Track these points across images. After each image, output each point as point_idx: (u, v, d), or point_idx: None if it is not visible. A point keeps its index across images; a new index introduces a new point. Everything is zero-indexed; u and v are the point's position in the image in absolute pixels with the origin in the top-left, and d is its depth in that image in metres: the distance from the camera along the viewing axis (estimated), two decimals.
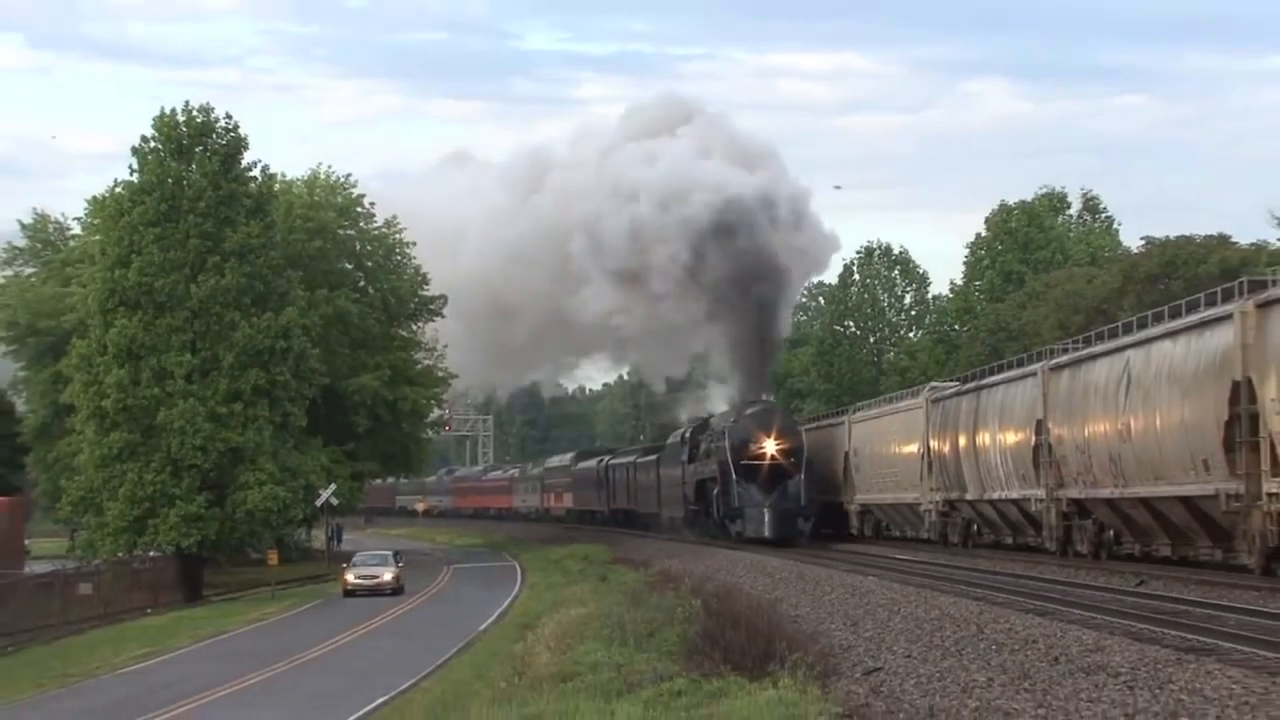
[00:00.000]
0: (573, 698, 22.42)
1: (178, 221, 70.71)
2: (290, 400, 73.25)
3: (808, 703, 17.64)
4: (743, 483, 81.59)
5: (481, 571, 74.16)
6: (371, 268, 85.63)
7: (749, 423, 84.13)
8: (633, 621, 32.60)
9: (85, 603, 63.31)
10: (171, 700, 36.58)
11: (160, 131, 72.42)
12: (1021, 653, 21.65)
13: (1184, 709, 15.52)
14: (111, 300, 70.82)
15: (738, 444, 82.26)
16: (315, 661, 43.62)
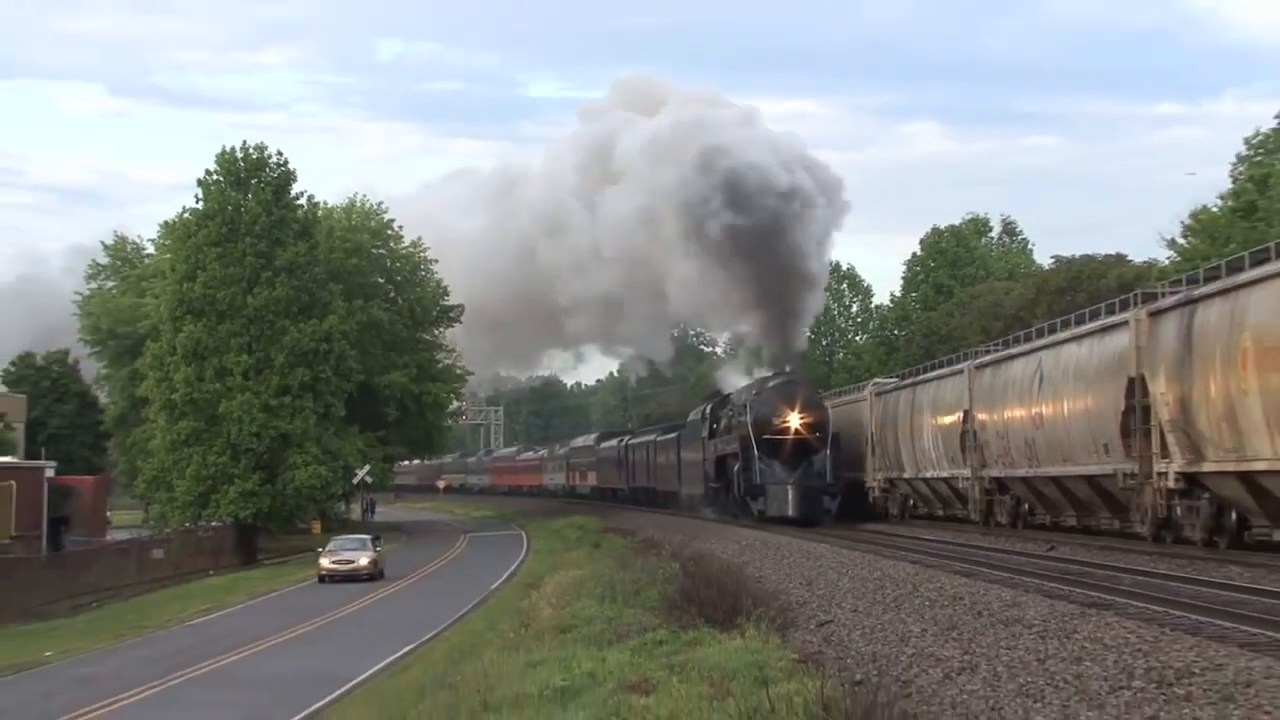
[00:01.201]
0: (570, 646, 22.47)
1: (236, 242, 71.14)
2: (331, 394, 73.45)
3: (770, 650, 17.69)
4: (765, 459, 64.98)
5: (493, 540, 73.96)
6: (400, 281, 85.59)
7: (772, 395, 66.72)
8: (621, 582, 32.60)
9: (157, 565, 63.46)
10: (231, 647, 36.55)
11: (221, 166, 72.92)
12: (950, 608, 21.68)
13: (1087, 654, 15.60)
14: (180, 309, 71.39)
15: (760, 418, 65.57)
16: (352, 615, 43.64)
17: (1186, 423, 34.22)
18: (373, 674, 30.80)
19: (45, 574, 57.45)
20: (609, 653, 19.86)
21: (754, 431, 65.24)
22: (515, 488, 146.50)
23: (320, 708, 27.05)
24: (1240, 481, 32.10)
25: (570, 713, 15.17)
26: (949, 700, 13.52)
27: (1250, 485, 31.74)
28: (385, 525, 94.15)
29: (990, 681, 14.47)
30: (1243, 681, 13.20)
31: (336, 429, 74.90)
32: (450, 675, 25.31)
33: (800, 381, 71.27)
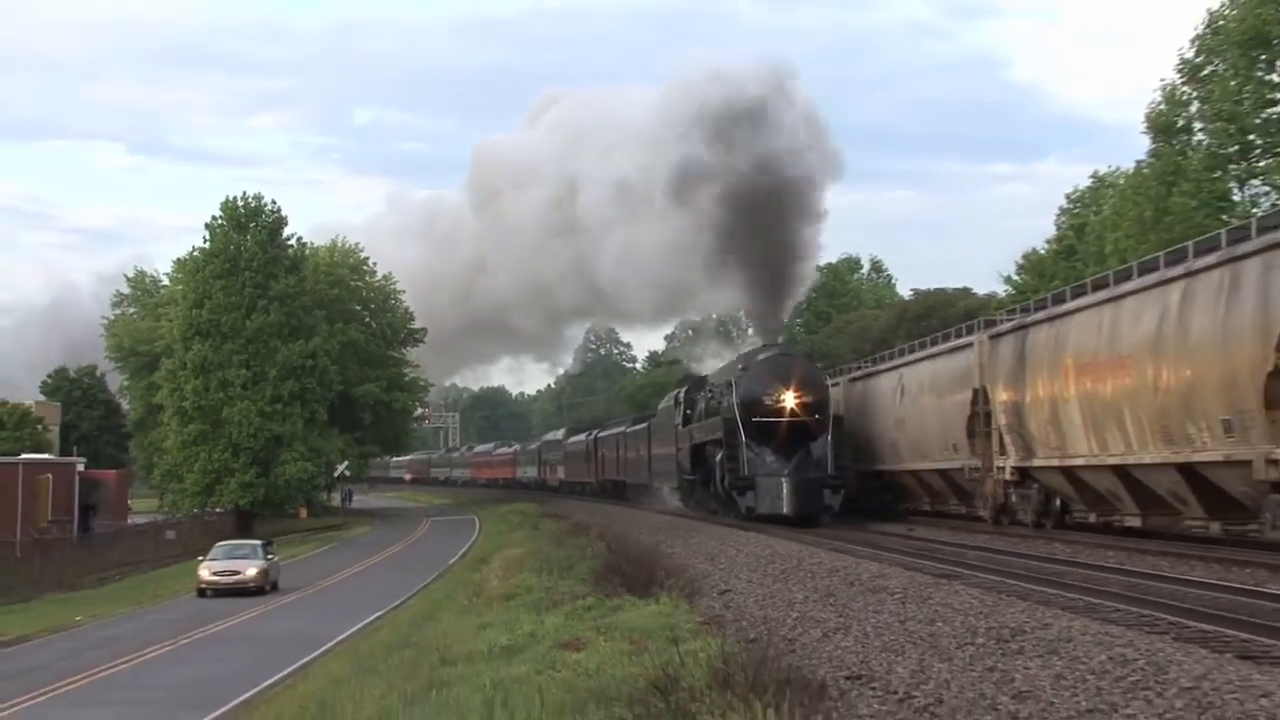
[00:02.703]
0: (514, 610, 22.42)
1: (236, 276, 71.54)
2: (316, 402, 73.81)
3: (679, 614, 17.69)
4: (754, 446, 47.10)
5: (451, 523, 73.70)
6: (373, 308, 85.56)
7: (762, 370, 48.55)
8: (556, 558, 32.52)
9: (170, 545, 63.27)
10: (231, 613, 36.40)
11: (224, 212, 73.38)
12: (828, 579, 21.74)
13: (939, 616, 15.69)
14: (189, 331, 72.06)
15: (748, 398, 47.64)
16: (334, 587, 43.51)
17: (1020, 426, 34.60)
18: (352, 633, 30.70)
19: (76, 552, 57.32)
20: (546, 617, 19.83)
21: (741, 413, 46.97)
22: (493, 480, 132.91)
23: (306, 662, 26.94)
24: (1063, 474, 32.51)
25: (514, 666, 15.13)
26: (826, 655, 13.55)
27: (1070, 477, 32.22)
28: (361, 511, 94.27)
29: (860, 639, 14.50)
30: (1065, 638, 13.32)
31: (320, 431, 74.88)
32: (414, 636, 25.28)
33: (795, 354, 53.51)
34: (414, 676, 17.65)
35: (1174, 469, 27.36)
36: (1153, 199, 46.74)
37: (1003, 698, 10.56)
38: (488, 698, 12.73)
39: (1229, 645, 13.01)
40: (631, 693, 11.57)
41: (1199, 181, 45.40)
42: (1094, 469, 30.89)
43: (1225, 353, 24.90)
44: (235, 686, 24.29)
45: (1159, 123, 48.35)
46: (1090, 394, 30.74)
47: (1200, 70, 47.14)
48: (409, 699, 14.98)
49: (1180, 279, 27.06)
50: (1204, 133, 47.36)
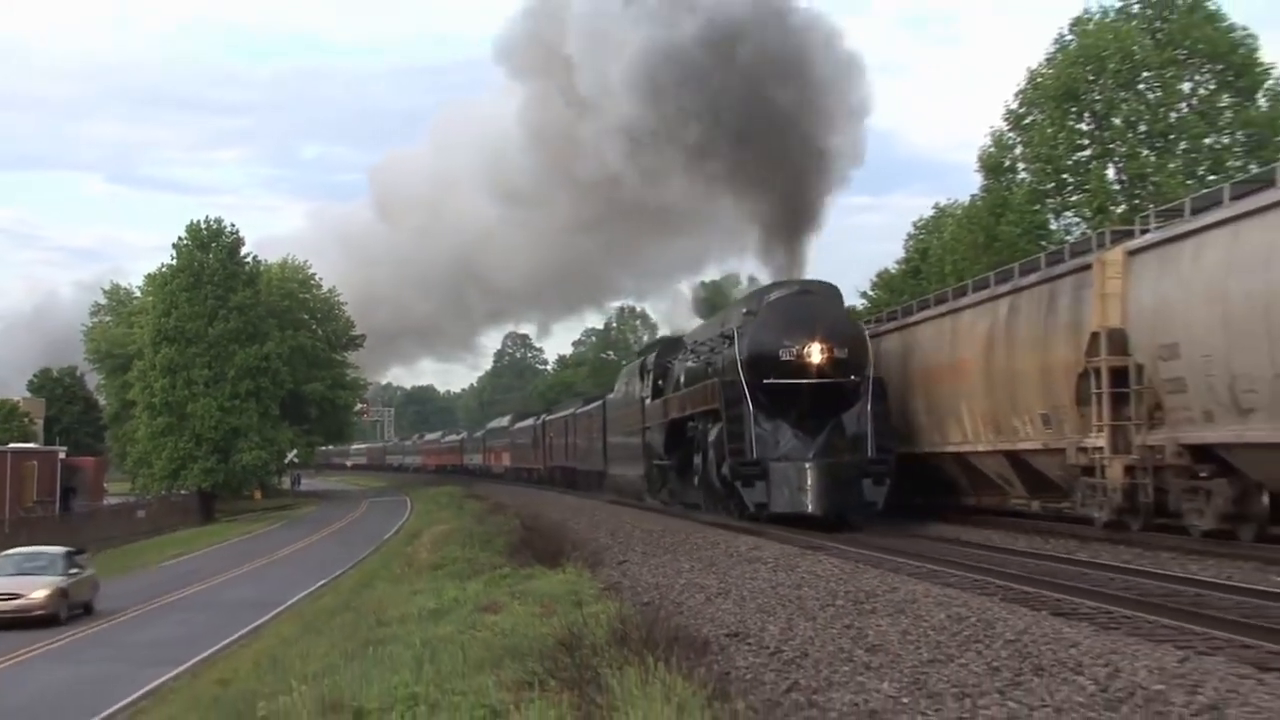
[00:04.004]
0: (441, 579, 22.28)
1: (200, 289, 70.89)
2: (269, 399, 73.27)
3: (583, 582, 17.66)
4: (765, 419, 30.13)
5: (387, 504, 73.24)
6: (319, 317, 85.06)
7: (779, 315, 30.98)
8: (478, 534, 32.41)
9: (140, 523, 62.69)
10: (196, 580, 36.15)
11: (190, 234, 72.68)
12: (711, 551, 21.82)
13: (805, 582, 15.78)
14: (158, 337, 71.50)
15: (759, 352, 30.47)
16: (285, 558, 43.10)
17: None
18: (300, 599, 30.46)
19: (59, 529, 56.30)
20: (469, 584, 19.72)
21: (748, 374, 29.64)
22: (441, 466, 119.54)
23: (260, 623, 26.72)
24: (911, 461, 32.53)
25: (441, 627, 15.04)
26: (709, 616, 13.56)
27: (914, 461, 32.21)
28: (308, 493, 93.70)
29: (738, 602, 14.54)
30: (910, 599, 13.44)
31: (273, 424, 74.27)
32: (353, 601, 25.14)
33: (821, 292, 31.83)
34: (354, 636, 17.54)
35: (1003, 455, 27.74)
36: (984, 227, 47.38)
37: (858, 651, 10.61)
38: (417, 654, 12.66)
39: (1045, 604, 13.17)
40: (542, 649, 11.53)
41: (1022, 213, 46.11)
42: (938, 456, 31.17)
43: (1044, 357, 25.25)
44: (197, 645, 24.08)
45: (989, 163, 48.96)
46: (932, 394, 31.04)
47: (1023, 119, 47.83)
48: (349, 655, 14.86)
49: (1008, 294, 27.42)
50: (1026, 172, 48.00)
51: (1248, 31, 45.93)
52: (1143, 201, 41.02)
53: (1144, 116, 45.97)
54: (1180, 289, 20.82)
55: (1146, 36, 46.01)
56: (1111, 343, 22.57)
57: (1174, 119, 45.82)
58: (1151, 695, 8.26)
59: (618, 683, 9.06)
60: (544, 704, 8.99)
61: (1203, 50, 45.45)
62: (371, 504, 74.76)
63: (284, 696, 11.77)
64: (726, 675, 9.85)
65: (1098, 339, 22.83)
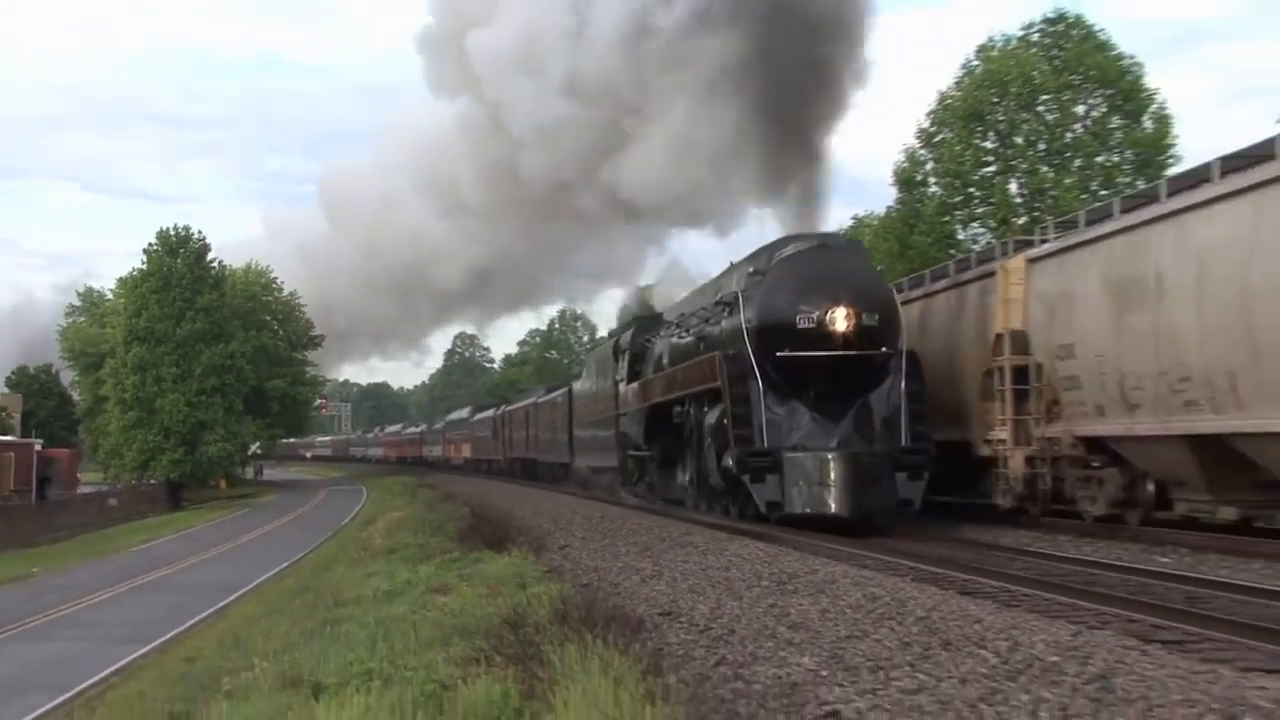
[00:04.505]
0: (394, 562, 22.16)
1: (169, 291, 70.05)
2: (234, 394, 72.54)
3: (527, 565, 17.62)
4: (777, 401, 22.22)
5: (344, 492, 72.78)
6: (281, 318, 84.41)
7: (794, 274, 22.79)
8: (429, 520, 32.28)
9: (112, 510, 62.19)
10: (166, 564, 35.82)
11: (159, 240, 71.82)
12: (646, 535, 21.82)
13: (733, 565, 15.81)
14: (129, 336, 70.58)
15: (770, 319, 22.54)
16: (248, 543, 42.76)
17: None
18: (262, 581, 30.23)
19: (34, 516, 55.93)
20: (420, 568, 19.62)
21: (756, 345, 22.89)
22: (402, 458, 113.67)
23: (225, 604, 26.51)
24: None
25: (394, 607, 14.96)
26: (644, 596, 13.57)
27: None
28: (270, 482, 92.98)
29: (671, 583, 14.55)
30: (829, 580, 13.50)
31: (237, 418, 73.51)
32: (313, 583, 24.99)
33: (843, 246, 24.92)
34: (313, 616, 17.43)
35: None
36: (898, 236, 47.72)
37: (781, 628, 10.64)
38: (372, 632, 12.58)
39: (953, 584, 13.27)
40: (488, 628, 11.50)
41: (933, 224, 46.54)
42: None
43: (953, 356, 25.42)
44: (166, 625, 23.88)
45: (903, 177, 49.32)
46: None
47: (934, 137, 48.26)
48: (308, 634, 14.77)
49: (920, 299, 27.56)
50: (936, 185, 48.42)
51: (1135, 60, 46.75)
52: (1042, 213, 41.51)
53: (1043, 136, 46.53)
54: (1075, 294, 21.07)
55: (1045, 63, 46.59)
56: (1014, 343, 22.77)
57: (1070, 138, 46.44)
58: (1047, 666, 8.35)
59: (559, 658, 9.07)
60: (490, 678, 8.98)
61: (1095, 76, 46.10)
62: (330, 492, 74.29)
63: (247, 672, 11.70)
64: (660, 651, 9.85)
65: (1001, 339, 23.03)
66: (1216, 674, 8.05)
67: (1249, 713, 6.91)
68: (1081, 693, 7.53)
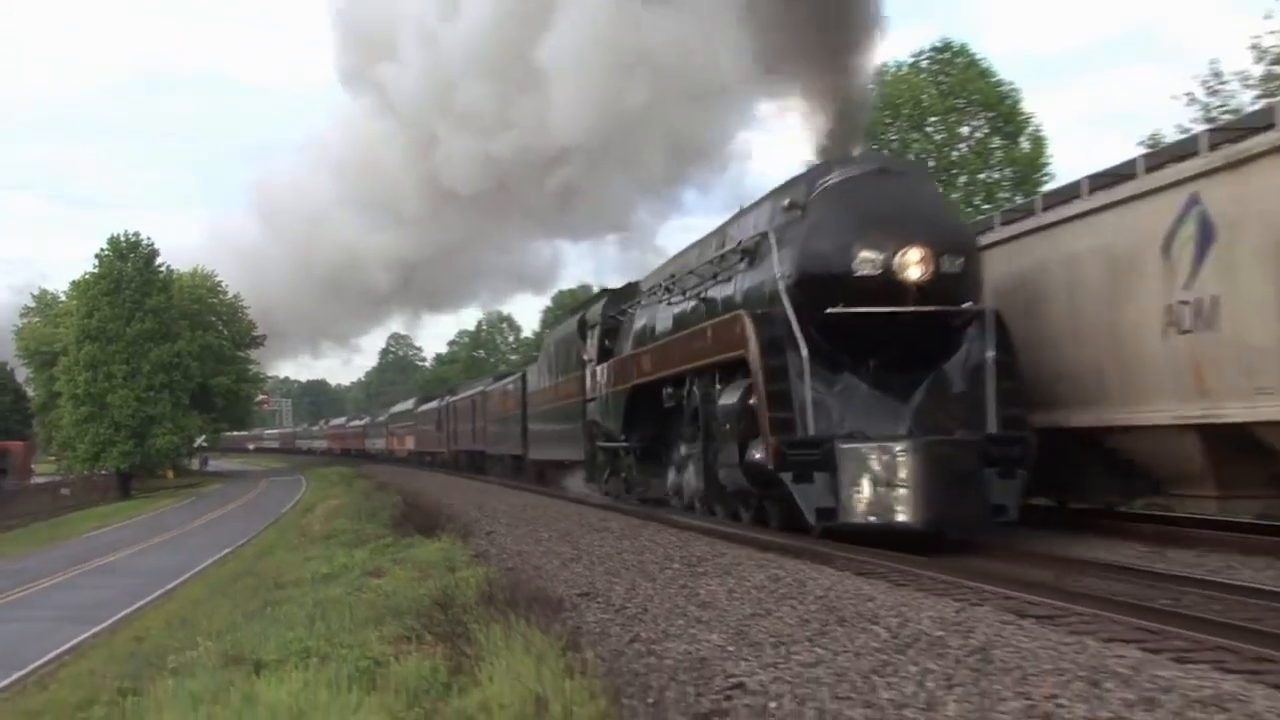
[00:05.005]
0: (332, 548, 21.99)
1: (119, 294, 69.13)
2: (181, 390, 71.67)
3: (456, 550, 17.56)
4: (825, 374, 14.91)
5: (284, 482, 72.01)
6: (225, 319, 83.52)
7: (845, 207, 15.27)
8: (365, 508, 32.07)
9: (64, 499, 61.55)
10: (115, 549, 35.30)
11: (110, 245, 70.90)
12: (566, 522, 21.80)
13: (646, 548, 15.83)
14: (82, 336, 69.58)
15: (815, 267, 15.17)
16: (194, 530, 42.19)
17: None
18: (207, 565, 29.85)
19: None
20: (356, 552, 19.51)
21: (797, 303, 15.37)
22: (345, 450, 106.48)
23: (172, 587, 26.16)
24: None
25: (331, 589, 14.86)
26: (564, 578, 13.56)
27: None
28: (216, 473, 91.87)
29: (589, 566, 14.56)
30: (735, 563, 13.57)
31: (184, 413, 72.57)
32: (254, 567, 24.73)
33: (908, 172, 17.77)
34: (254, 597, 17.27)
35: None
36: None
37: (691, 607, 10.68)
38: (310, 613, 12.49)
39: (850, 565, 13.38)
40: (419, 608, 11.45)
41: None
42: None
43: None
44: (115, 607, 23.52)
45: None
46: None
47: None
48: (250, 614, 14.62)
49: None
50: None
51: (1014, 85, 47.64)
52: None
53: (931, 154, 47.08)
54: None
55: (933, 87, 47.25)
56: None
57: (955, 157, 47.12)
58: (934, 640, 8.45)
59: (484, 636, 9.06)
60: (420, 655, 8.96)
61: (978, 100, 46.83)
62: (271, 482, 73.47)
63: (191, 651, 11.58)
64: (579, 630, 9.86)
65: None
66: (1083, 644, 8.21)
67: (1110, 679, 7.05)
68: (964, 664, 7.63)
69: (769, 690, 7.26)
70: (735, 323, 16.76)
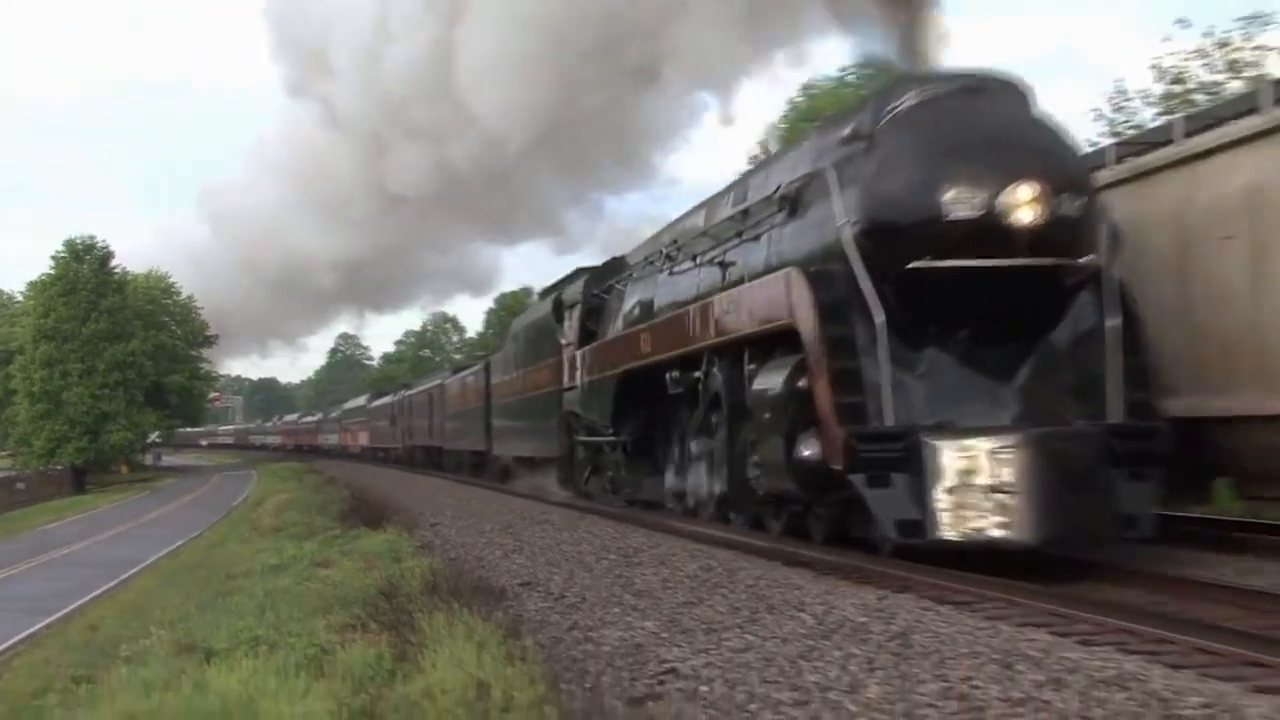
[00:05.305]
0: (282, 539, 21.79)
1: (75, 294, 68.43)
2: (135, 388, 70.97)
3: (401, 541, 17.44)
4: (903, 346, 10.63)
5: (236, 477, 71.25)
6: (179, 320, 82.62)
7: (927, 135, 10.91)
8: (314, 502, 31.82)
9: (20, 493, 60.89)
10: (70, 542, 34.73)
11: (67, 248, 70.19)
12: (508, 515, 21.75)
13: (584, 540, 15.84)
14: (38, 335, 68.89)
15: (891, 211, 10.80)
16: (148, 523, 41.65)
17: None
18: (160, 557, 29.47)
19: None
20: (305, 544, 19.34)
21: (870, 256, 11.01)
22: (299, 446, 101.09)
23: (126, 578, 25.81)
24: None
25: (280, 579, 14.74)
26: (505, 569, 13.54)
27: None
28: (169, 468, 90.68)
29: (530, 557, 14.53)
30: (670, 554, 13.60)
31: (138, 410, 71.84)
32: (207, 558, 24.48)
33: (1004, 93, 11.68)
34: (206, 588, 17.11)
35: None
36: None
37: (627, 595, 10.70)
38: (260, 602, 12.38)
39: (779, 557, 13.44)
40: (365, 598, 11.38)
41: None
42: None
43: None
44: (70, 597, 23.15)
45: None
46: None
47: None
48: (202, 604, 14.47)
49: None
50: None
51: None
52: None
53: None
54: None
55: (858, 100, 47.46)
56: None
57: None
58: (857, 626, 8.52)
59: (428, 625, 9.02)
60: (366, 643, 8.90)
61: None
62: (224, 477, 72.64)
63: (144, 640, 11.44)
64: (519, 618, 9.84)
65: None
66: (997, 629, 8.31)
67: (1021, 661, 7.15)
68: (885, 648, 7.70)
69: (701, 675, 7.28)
70: (780, 284, 12.49)
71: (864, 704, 6.41)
